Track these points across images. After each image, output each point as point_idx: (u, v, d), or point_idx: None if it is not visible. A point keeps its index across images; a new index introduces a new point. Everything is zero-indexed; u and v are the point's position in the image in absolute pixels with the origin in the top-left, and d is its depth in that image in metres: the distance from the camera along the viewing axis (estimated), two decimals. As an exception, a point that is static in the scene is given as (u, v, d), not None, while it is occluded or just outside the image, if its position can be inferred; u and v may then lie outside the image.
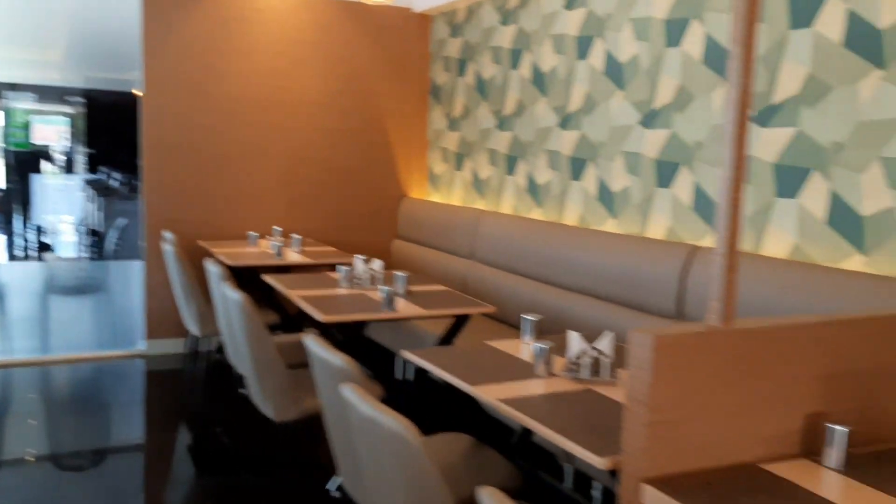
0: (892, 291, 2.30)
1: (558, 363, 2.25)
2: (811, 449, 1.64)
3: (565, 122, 4.04)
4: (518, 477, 2.18)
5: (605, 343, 2.18)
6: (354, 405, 1.63)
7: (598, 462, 1.58)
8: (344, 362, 1.92)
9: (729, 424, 1.57)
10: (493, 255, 4.30)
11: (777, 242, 2.86)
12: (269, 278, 3.58)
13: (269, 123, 5.08)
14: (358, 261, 3.53)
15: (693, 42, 3.23)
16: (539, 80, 4.26)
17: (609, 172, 3.72)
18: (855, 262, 2.58)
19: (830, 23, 2.65)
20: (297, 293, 3.21)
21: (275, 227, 5.13)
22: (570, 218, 4.01)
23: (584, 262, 3.55)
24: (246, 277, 4.36)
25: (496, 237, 4.30)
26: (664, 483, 1.47)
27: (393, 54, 5.38)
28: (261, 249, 4.57)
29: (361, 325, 3.63)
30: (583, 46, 3.90)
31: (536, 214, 4.29)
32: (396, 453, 1.54)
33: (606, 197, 3.74)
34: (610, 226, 3.72)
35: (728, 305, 1.53)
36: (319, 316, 2.85)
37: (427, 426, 3.36)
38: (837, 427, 1.56)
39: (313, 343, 2.09)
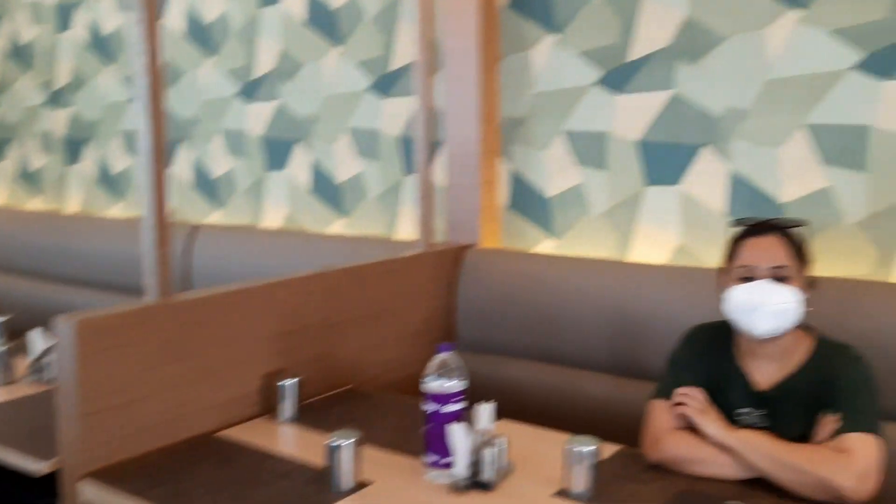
0: (365, 247, 2.54)
1: (22, 367, 2.00)
2: (272, 406, 1.70)
3: (55, 99, 3.64)
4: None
5: (76, 336, 2.00)
6: None
7: (37, 468, 1.43)
8: None
9: (182, 398, 1.54)
10: (-15, 255, 3.72)
11: (273, 214, 2.96)
12: None
13: None
14: None
15: (175, 15, 3.14)
16: (20, 54, 3.77)
17: (109, 154, 3.46)
18: (338, 226, 2.80)
19: (294, 2, 2.79)
20: None
21: None
22: (73, 205, 3.65)
23: (89, 251, 3.26)
24: None
25: (-13, 234, 3.72)
26: (107, 474, 1.38)
27: None
28: None
29: None
30: (63, 16, 3.54)
31: (35, 204, 3.82)
32: None
33: (108, 180, 3.48)
34: (117, 210, 3.47)
35: (163, 279, 1.49)
36: None
37: None
38: (287, 381, 1.64)
39: None
